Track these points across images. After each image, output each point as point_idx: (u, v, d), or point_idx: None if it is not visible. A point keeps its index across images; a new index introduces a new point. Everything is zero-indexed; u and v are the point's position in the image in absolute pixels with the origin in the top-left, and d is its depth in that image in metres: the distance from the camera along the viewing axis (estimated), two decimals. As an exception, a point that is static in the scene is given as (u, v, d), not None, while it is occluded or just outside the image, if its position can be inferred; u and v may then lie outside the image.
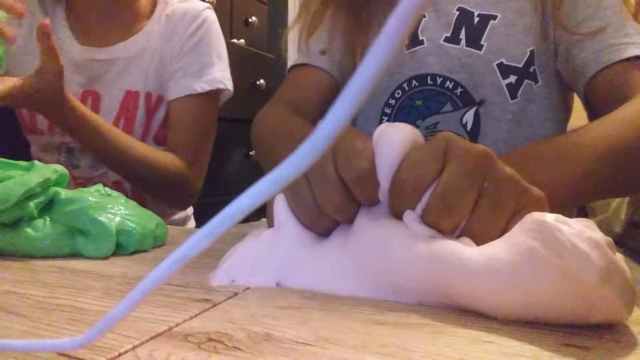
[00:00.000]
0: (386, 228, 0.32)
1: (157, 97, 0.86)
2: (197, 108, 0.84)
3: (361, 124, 0.71)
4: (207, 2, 1.60)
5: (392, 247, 0.31)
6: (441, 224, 0.30)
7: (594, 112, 0.58)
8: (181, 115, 0.84)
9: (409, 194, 0.30)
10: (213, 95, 0.87)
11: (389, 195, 0.32)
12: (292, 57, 0.75)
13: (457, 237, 0.31)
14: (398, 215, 0.32)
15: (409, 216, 0.31)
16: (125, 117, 0.84)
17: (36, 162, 0.47)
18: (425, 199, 0.30)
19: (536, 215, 0.26)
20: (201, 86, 0.84)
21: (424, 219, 0.30)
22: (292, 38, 0.76)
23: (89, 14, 0.85)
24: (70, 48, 0.83)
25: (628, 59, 0.54)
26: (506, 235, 0.28)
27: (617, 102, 0.51)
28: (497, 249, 0.27)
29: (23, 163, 0.47)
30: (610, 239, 0.26)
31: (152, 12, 0.88)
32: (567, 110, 0.68)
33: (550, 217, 0.26)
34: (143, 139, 0.85)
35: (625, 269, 0.25)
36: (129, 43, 0.85)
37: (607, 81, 0.55)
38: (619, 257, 0.26)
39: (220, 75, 0.86)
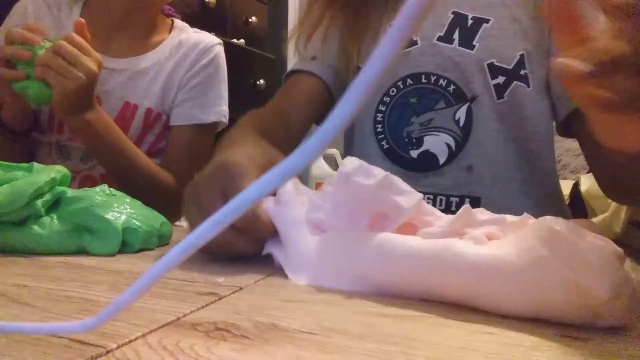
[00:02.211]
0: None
1: (156, 114, 0.89)
2: (199, 137, 0.90)
3: (357, 120, 0.72)
4: (207, 2, 1.62)
5: (395, 248, 0.31)
6: None
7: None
8: (183, 142, 0.89)
9: None
10: (214, 126, 0.92)
11: None
12: (292, 57, 0.78)
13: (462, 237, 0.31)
14: None
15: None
16: (118, 126, 0.84)
17: (35, 163, 0.47)
18: None
19: (549, 222, 0.27)
20: (209, 117, 0.90)
21: None
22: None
23: (104, 20, 0.86)
24: None
25: None
26: (516, 236, 0.29)
27: None
28: (506, 251, 0.28)
29: (24, 165, 0.47)
30: (621, 250, 0.27)
31: (168, 34, 0.91)
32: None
33: (562, 226, 0.26)
34: None
35: (633, 281, 0.26)
36: (139, 59, 0.87)
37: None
38: (628, 265, 0.27)
39: (224, 109, 0.92)
